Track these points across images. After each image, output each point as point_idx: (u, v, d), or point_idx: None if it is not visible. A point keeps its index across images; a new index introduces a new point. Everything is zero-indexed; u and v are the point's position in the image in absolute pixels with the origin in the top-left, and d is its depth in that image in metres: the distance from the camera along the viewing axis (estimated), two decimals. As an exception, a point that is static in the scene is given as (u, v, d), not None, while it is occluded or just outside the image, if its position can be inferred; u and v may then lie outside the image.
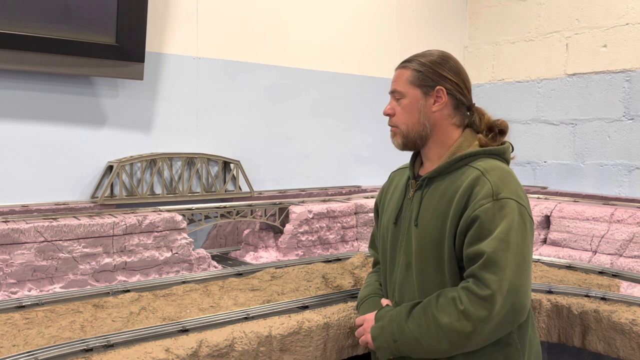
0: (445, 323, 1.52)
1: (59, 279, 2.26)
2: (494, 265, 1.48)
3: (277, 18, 3.46)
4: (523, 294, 1.50)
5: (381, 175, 2.05)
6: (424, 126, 1.70)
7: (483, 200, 1.53)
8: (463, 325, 1.50)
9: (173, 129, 3.09)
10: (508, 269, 1.47)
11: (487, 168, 1.59)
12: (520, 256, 1.50)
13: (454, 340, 1.52)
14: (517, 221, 1.52)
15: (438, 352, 1.56)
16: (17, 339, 1.65)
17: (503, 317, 1.48)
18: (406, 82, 1.71)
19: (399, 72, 1.74)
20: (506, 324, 1.51)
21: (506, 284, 1.47)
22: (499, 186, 1.54)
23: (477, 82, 4.46)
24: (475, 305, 1.48)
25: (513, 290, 1.47)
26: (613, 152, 3.69)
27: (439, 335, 1.53)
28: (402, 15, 4.10)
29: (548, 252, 3.07)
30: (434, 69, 1.69)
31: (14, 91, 2.61)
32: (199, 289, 2.20)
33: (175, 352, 1.62)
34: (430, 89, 1.69)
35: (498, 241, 1.49)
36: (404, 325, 1.60)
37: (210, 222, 2.88)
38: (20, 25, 2.41)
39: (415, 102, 1.70)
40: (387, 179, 1.97)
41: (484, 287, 1.48)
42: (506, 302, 1.47)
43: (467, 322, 1.49)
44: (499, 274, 1.47)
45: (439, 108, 1.69)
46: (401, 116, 1.72)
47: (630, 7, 3.59)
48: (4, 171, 2.61)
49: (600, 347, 2.13)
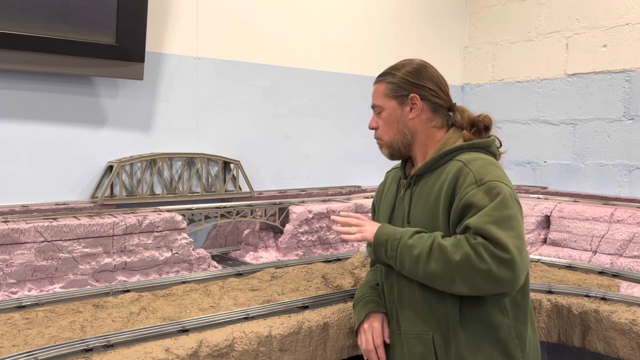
0: (440, 245, 1.56)
1: (59, 279, 2.26)
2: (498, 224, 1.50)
3: (277, 18, 3.46)
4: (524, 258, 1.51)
5: (381, 175, 2.06)
6: (404, 134, 1.77)
7: (468, 188, 1.57)
8: (455, 256, 1.52)
9: (173, 129, 3.09)
10: (514, 230, 1.50)
11: (469, 159, 1.63)
12: (510, 227, 1.51)
13: (439, 262, 1.54)
14: (507, 198, 1.54)
15: (423, 264, 1.58)
16: (17, 339, 1.65)
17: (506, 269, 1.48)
18: (382, 96, 1.79)
19: (376, 86, 1.83)
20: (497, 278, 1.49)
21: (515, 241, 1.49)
22: (481, 173, 1.58)
23: (477, 82, 4.47)
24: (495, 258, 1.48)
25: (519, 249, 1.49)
26: (613, 152, 3.69)
27: (430, 251, 1.56)
28: (402, 15, 4.10)
29: (548, 252, 3.07)
30: (406, 78, 1.76)
31: (14, 91, 2.61)
32: (199, 289, 2.20)
33: (175, 352, 1.62)
34: (404, 98, 1.76)
35: (485, 215, 1.51)
36: (407, 235, 1.64)
37: (210, 222, 2.88)
38: (20, 25, 2.41)
39: (393, 113, 1.77)
40: (383, 178, 2.01)
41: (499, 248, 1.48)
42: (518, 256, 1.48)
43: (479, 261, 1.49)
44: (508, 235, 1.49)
45: (416, 114, 1.76)
46: (383, 129, 1.80)
47: (630, 7, 3.59)
48: (4, 171, 2.61)
49: (600, 347, 2.13)
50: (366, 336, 1.78)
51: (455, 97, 1.87)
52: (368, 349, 1.78)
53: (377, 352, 1.77)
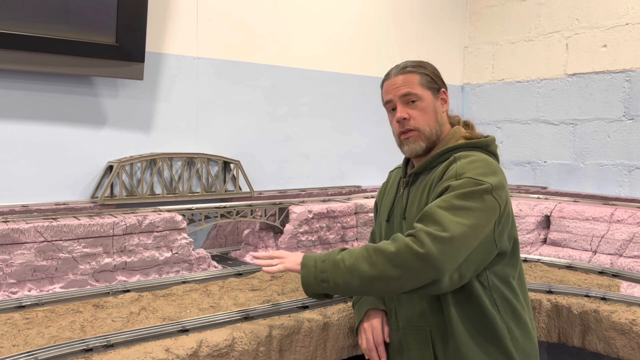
0: (374, 247, 1.54)
1: (59, 279, 2.26)
2: (430, 217, 1.51)
3: (277, 18, 3.46)
4: (448, 258, 1.47)
5: (381, 175, 2.06)
6: (440, 126, 1.76)
7: (447, 181, 1.59)
8: (391, 248, 1.50)
9: (173, 129, 3.09)
10: (445, 226, 1.48)
11: (462, 156, 1.65)
12: (461, 216, 1.50)
13: (376, 260, 1.51)
14: (478, 192, 1.53)
15: (358, 271, 1.53)
16: (17, 339, 1.65)
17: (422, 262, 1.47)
18: (419, 85, 1.74)
19: (407, 76, 1.75)
20: (418, 273, 1.49)
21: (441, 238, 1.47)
22: (464, 168, 1.59)
23: (477, 82, 4.46)
24: (411, 243, 1.48)
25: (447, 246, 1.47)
26: (613, 152, 3.69)
27: (364, 256, 1.53)
28: (402, 16, 4.10)
29: (548, 252, 3.07)
30: (435, 72, 1.80)
31: (14, 91, 2.61)
32: (199, 289, 2.20)
33: (175, 352, 1.62)
34: (436, 91, 1.77)
35: (442, 201, 1.52)
36: (336, 252, 1.61)
37: (210, 222, 2.88)
38: (20, 25, 2.41)
39: (431, 103, 1.75)
40: (387, 178, 2.01)
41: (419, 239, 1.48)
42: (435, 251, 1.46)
43: (398, 249, 1.49)
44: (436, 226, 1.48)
45: (445, 109, 1.80)
46: (421, 118, 1.73)
47: (630, 7, 3.59)
48: (4, 171, 2.61)
49: (600, 347, 2.13)
50: (366, 335, 1.78)
51: (455, 97, 1.90)
52: (369, 348, 1.78)
53: (378, 351, 1.77)
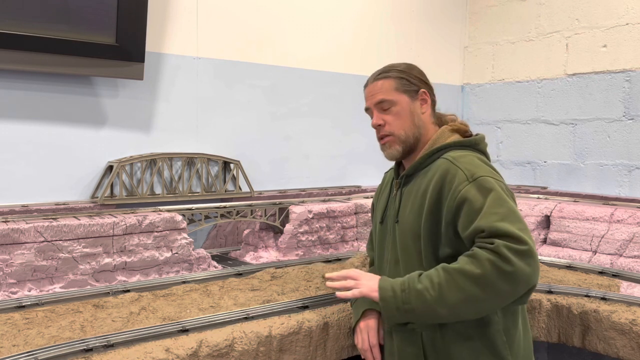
0: (455, 269, 1.47)
1: (59, 279, 2.26)
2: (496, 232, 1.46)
3: (277, 18, 3.46)
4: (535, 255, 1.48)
5: (381, 175, 2.07)
6: (418, 128, 1.77)
7: (460, 185, 1.56)
8: (476, 270, 1.44)
9: (173, 129, 3.09)
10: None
11: (456, 157, 1.64)
12: (517, 220, 1.50)
13: (463, 285, 1.44)
14: (500, 192, 1.54)
15: (446, 300, 1.46)
16: (17, 339, 1.65)
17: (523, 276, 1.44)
18: (392, 90, 1.76)
19: (381, 82, 1.78)
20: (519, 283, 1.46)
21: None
22: (470, 169, 1.58)
23: (477, 82, 4.46)
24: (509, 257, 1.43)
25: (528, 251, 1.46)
26: (613, 152, 3.69)
27: (448, 281, 1.46)
28: (402, 16, 4.10)
29: (548, 252, 3.07)
30: (413, 74, 1.78)
31: (14, 91, 2.61)
32: (199, 289, 2.20)
33: (175, 352, 1.62)
34: (414, 93, 1.77)
35: (491, 214, 1.49)
36: (415, 279, 1.53)
37: (210, 222, 2.88)
38: (20, 25, 2.40)
39: (406, 106, 1.76)
40: (382, 178, 2.03)
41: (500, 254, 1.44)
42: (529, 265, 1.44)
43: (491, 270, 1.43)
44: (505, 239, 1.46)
45: (426, 110, 1.78)
46: (396, 124, 1.75)
47: (630, 7, 3.59)
48: (4, 171, 2.61)
49: (600, 347, 2.13)
50: (362, 335, 1.79)
51: (455, 97, 1.89)
52: (364, 348, 1.79)
53: (372, 352, 1.78)
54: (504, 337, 1.61)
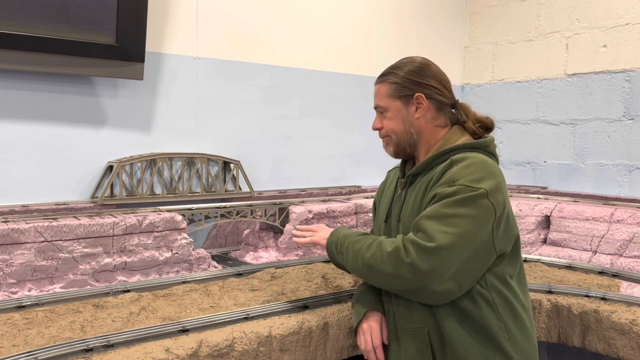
0: (380, 240, 1.65)
1: (59, 279, 2.26)
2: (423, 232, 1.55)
3: (277, 18, 3.46)
4: (438, 277, 1.52)
5: (381, 175, 2.07)
6: (411, 134, 1.76)
7: (439, 187, 1.59)
8: (389, 247, 1.60)
9: (173, 129, 3.09)
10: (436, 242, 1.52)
11: (459, 159, 1.63)
12: (450, 224, 1.52)
13: (376, 253, 1.62)
14: (469, 199, 1.53)
15: (362, 256, 1.66)
16: (17, 339, 1.65)
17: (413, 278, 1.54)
18: (386, 96, 1.77)
19: (378, 87, 1.81)
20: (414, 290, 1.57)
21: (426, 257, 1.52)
22: (459, 174, 1.58)
23: (477, 82, 4.47)
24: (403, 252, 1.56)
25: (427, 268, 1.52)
26: (613, 152, 3.69)
27: (370, 244, 1.66)
28: (402, 16, 4.10)
29: (548, 252, 3.07)
30: (410, 77, 1.75)
31: (14, 91, 2.61)
32: (199, 289, 2.20)
33: (175, 352, 1.62)
34: (409, 97, 1.75)
35: (432, 211, 1.56)
36: (356, 234, 1.77)
37: (210, 222, 2.88)
38: (20, 25, 2.41)
39: (398, 113, 1.76)
40: (385, 177, 2.02)
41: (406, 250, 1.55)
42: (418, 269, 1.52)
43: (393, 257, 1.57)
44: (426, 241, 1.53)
45: (422, 114, 1.75)
46: (389, 128, 1.79)
47: (630, 7, 3.59)
48: (4, 171, 2.61)
49: (600, 347, 2.13)
50: (365, 337, 1.78)
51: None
52: (367, 350, 1.78)
53: (376, 353, 1.77)
54: (506, 332, 1.61)
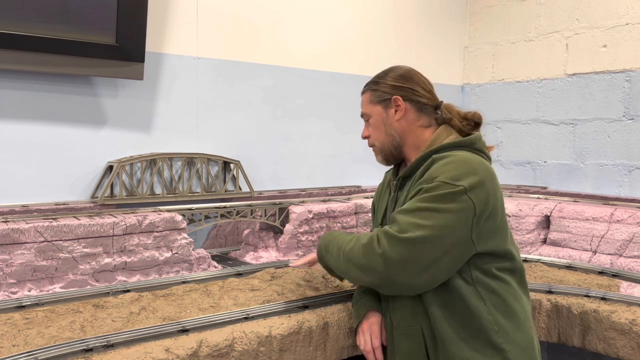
0: (359, 235, 1.70)
1: (59, 279, 2.26)
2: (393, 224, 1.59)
3: (277, 18, 3.46)
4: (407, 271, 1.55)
5: (381, 175, 2.07)
6: (392, 137, 1.82)
7: (420, 184, 1.62)
8: (364, 239, 1.64)
9: (173, 129, 3.09)
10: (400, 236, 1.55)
11: (439, 157, 1.65)
12: (424, 217, 1.54)
13: (354, 246, 1.66)
14: (443, 195, 1.55)
15: (343, 250, 1.70)
16: (17, 339, 1.65)
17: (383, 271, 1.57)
18: (368, 103, 1.87)
19: (363, 97, 1.92)
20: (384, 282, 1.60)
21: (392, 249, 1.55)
22: (438, 171, 1.60)
23: (477, 82, 4.47)
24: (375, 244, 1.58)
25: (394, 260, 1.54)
26: (613, 152, 3.69)
27: (351, 239, 1.70)
28: (402, 15, 4.10)
29: (548, 252, 3.07)
30: (387, 83, 1.82)
31: (14, 91, 2.61)
32: (199, 289, 2.20)
33: (175, 352, 1.62)
34: (388, 101, 1.81)
35: (409, 205, 1.59)
36: (343, 234, 1.81)
37: (210, 222, 2.88)
38: (20, 25, 2.41)
39: (379, 117, 1.84)
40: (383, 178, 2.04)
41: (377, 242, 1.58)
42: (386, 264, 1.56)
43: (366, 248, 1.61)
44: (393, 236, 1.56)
45: (401, 115, 1.80)
46: (373, 135, 1.87)
47: (630, 7, 3.59)
48: (4, 171, 2.61)
49: (600, 347, 2.14)
50: (364, 337, 1.80)
51: (455, 97, 1.90)
52: (366, 350, 1.79)
53: (375, 354, 1.78)
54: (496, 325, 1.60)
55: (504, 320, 1.63)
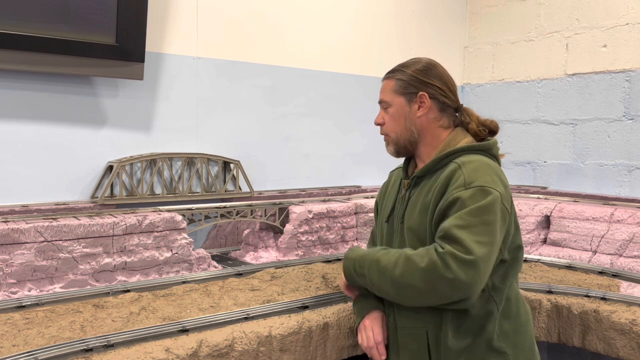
0: (407, 255, 1.58)
1: (59, 279, 2.26)
2: (452, 238, 1.52)
3: (277, 18, 3.46)
4: (481, 268, 1.50)
5: (381, 175, 2.07)
6: (411, 132, 1.77)
7: (455, 190, 1.58)
8: (421, 263, 1.54)
9: (173, 129, 3.09)
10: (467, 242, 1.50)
11: (465, 161, 1.64)
12: (482, 233, 1.52)
13: (407, 270, 1.56)
14: (487, 204, 1.54)
15: (390, 275, 1.60)
16: (17, 339, 1.65)
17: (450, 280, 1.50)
18: (391, 92, 1.79)
19: (385, 82, 1.83)
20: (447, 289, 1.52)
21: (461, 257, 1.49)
22: (471, 176, 1.58)
23: (477, 82, 4.47)
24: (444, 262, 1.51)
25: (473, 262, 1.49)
26: (613, 152, 3.69)
27: (397, 261, 1.58)
28: (402, 15, 4.10)
29: (548, 252, 3.07)
30: (416, 76, 1.76)
31: (14, 91, 2.61)
32: (199, 289, 2.20)
33: (175, 352, 1.62)
34: (413, 95, 1.76)
35: (459, 219, 1.53)
36: (375, 251, 1.69)
37: (210, 222, 2.88)
38: (20, 25, 2.41)
39: (400, 109, 1.77)
40: (387, 177, 2.01)
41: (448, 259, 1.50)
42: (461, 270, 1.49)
43: (429, 268, 1.52)
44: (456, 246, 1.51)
45: (424, 112, 1.76)
46: (390, 124, 1.80)
47: (630, 7, 3.59)
48: (4, 171, 2.61)
49: (600, 347, 2.14)
50: (367, 333, 1.79)
51: (455, 97, 1.87)
52: (369, 346, 1.78)
53: (378, 349, 1.78)
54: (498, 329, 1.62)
55: (507, 324, 1.64)
